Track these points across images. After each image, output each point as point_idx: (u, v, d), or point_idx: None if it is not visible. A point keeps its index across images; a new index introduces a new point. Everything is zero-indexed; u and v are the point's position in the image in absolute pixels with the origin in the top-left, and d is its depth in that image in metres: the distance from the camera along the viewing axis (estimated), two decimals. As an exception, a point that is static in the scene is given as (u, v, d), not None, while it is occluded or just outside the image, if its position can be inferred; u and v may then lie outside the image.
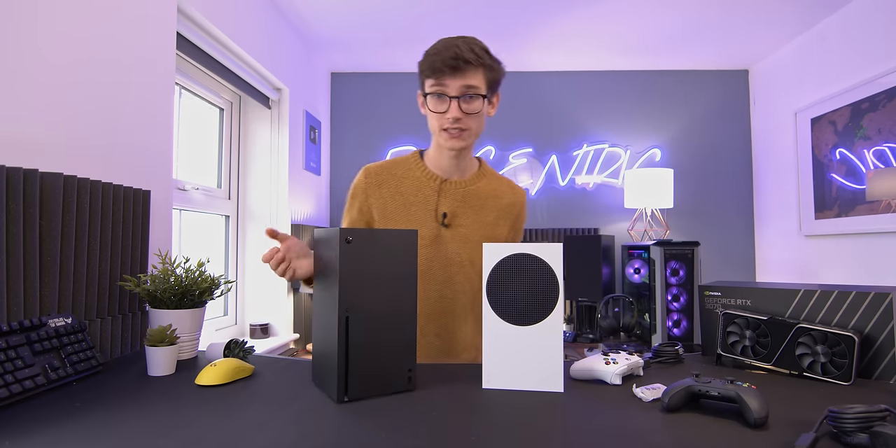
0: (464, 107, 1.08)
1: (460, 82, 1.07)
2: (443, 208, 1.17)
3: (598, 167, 3.41)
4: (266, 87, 2.53)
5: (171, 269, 1.15)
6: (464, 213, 1.18)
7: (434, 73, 1.07)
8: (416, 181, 1.19)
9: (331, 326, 0.83)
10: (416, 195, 1.18)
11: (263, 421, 0.72)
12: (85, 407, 0.79)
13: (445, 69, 1.05)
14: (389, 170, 1.21)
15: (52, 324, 0.95)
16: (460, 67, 1.05)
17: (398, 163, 1.23)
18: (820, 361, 0.93)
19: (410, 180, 1.19)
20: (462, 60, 1.05)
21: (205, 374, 0.91)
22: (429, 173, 1.20)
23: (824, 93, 2.71)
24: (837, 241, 2.64)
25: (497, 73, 1.12)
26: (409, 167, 1.21)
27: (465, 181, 1.21)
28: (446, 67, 1.05)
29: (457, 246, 1.17)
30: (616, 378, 0.89)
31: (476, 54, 1.06)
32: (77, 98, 1.24)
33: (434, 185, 1.19)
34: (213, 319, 2.36)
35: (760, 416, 0.68)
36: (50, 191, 1.03)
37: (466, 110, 1.09)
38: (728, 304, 1.10)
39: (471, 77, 1.07)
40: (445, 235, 1.17)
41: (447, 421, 0.72)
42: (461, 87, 1.07)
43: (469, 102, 1.08)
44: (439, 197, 1.18)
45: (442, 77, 1.06)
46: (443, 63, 1.05)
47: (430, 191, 1.18)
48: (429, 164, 1.21)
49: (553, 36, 2.90)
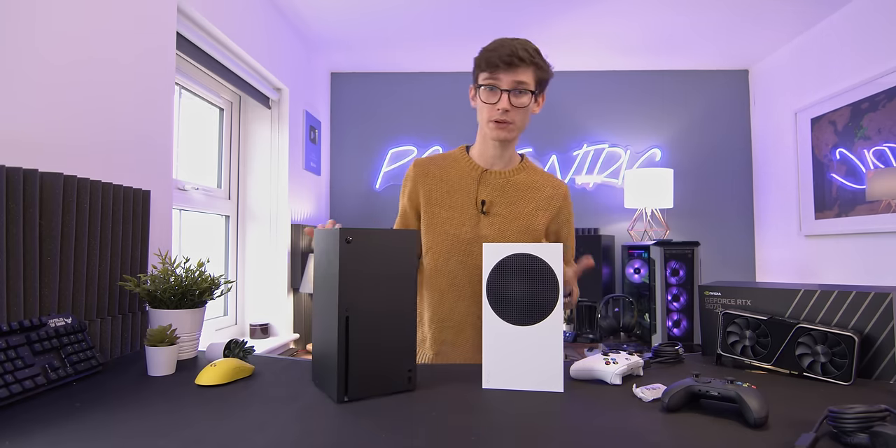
0: (513, 100, 1.16)
1: (512, 77, 1.15)
2: (482, 196, 1.25)
3: (598, 167, 3.41)
4: (266, 87, 2.53)
5: (171, 269, 1.15)
6: (501, 201, 1.25)
7: (489, 67, 1.16)
8: (461, 170, 1.28)
9: (331, 326, 0.83)
10: (459, 182, 1.26)
11: (263, 421, 0.72)
12: (85, 407, 0.79)
13: (500, 64, 1.14)
14: (436, 161, 1.30)
15: (52, 324, 0.95)
16: (514, 64, 1.14)
17: (445, 156, 1.32)
18: (820, 361, 0.93)
19: (455, 170, 1.28)
20: (516, 58, 1.14)
21: (205, 374, 0.91)
22: (472, 164, 1.28)
23: (824, 93, 2.70)
24: (837, 241, 2.64)
25: (546, 74, 1.20)
26: (454, 159, 1.30)
27: (506, 172, 1.28)
28: (501, 63, 1.14)
29: (493, 232, 1.24)
30: (616, 378, 0.89)
31: (529, 53, 1.15)
32: (76, 98, 1.24)
33: (476, 174, 1.27)
34: (213, 319, 2.36)
35: (760, 417, 0.68)
36: (50, 191, 1.03)
37: (515, 103, 1.17)
38: (728, 304, 1.10)
39: (522, 73, 1.15)
40: (484, 222, 1.24)
41: (447, 421, 0.72)
42: (513, 81, 1.15)
43: (518, 97, 1.17)
44: (479, 185, 1.26)
45: (496, 71, 1.15)
46: (499, 59, 1.14)
47: (471, 180, 1.26)
48: (473, 157, 1.30)
49: (552, 36, 2.90)
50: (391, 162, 3.41)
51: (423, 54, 3.16)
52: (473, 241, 1.23)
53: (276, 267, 2.59)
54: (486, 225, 1.24)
